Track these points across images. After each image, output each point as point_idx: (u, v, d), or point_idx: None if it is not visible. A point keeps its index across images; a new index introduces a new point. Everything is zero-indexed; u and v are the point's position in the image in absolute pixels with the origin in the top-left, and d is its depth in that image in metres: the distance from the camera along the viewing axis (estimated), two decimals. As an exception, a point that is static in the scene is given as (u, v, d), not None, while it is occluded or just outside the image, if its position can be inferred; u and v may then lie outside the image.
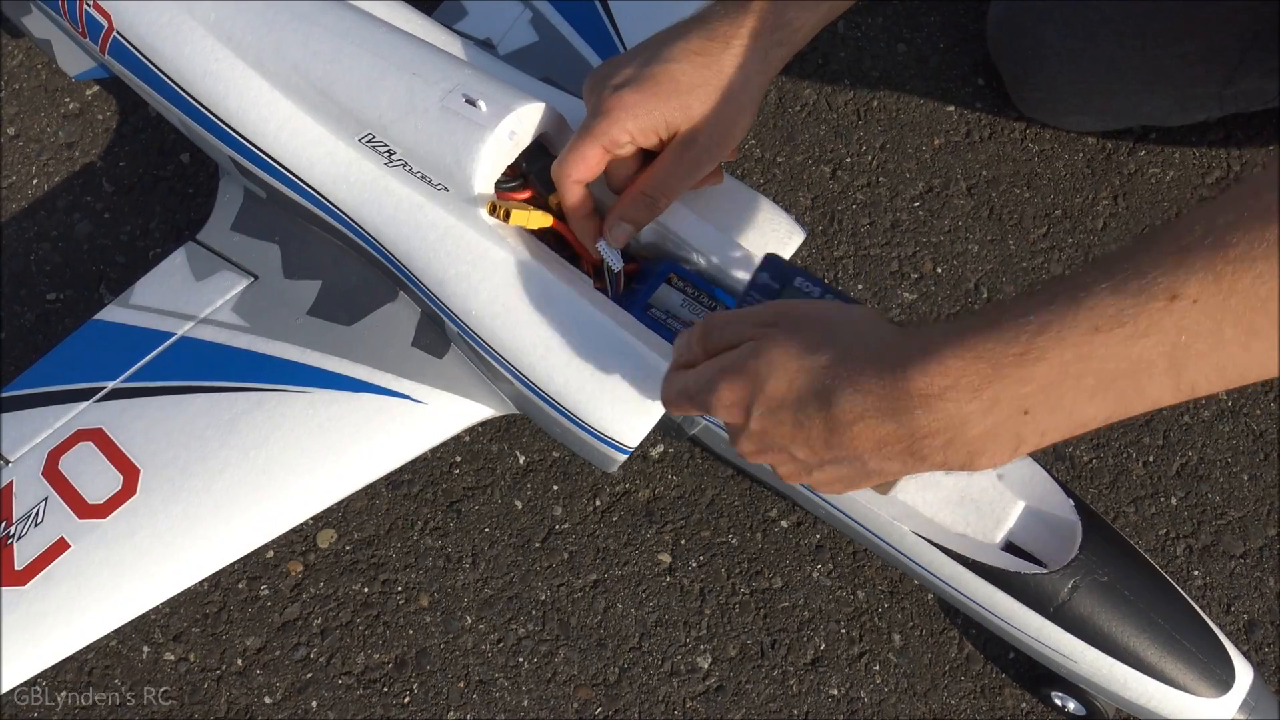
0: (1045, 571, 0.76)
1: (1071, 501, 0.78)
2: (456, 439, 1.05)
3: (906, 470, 0.54)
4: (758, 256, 0.80)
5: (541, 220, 0.77)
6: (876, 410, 0.51)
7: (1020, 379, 0.47)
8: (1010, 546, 0.78)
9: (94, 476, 0.84)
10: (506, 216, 0.75)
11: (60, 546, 0.82)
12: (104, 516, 0.83)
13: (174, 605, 1.00)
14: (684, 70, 0.71)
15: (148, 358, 0.89)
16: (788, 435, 0.55)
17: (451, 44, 0.89)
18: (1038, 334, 0.47)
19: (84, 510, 0.83)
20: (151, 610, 0.84)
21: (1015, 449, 0.50)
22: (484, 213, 0.77)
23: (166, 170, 1.18)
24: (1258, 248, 0.43)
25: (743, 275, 0.79)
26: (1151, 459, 1.08)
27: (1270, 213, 0.43)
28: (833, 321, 0.55)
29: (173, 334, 0.90)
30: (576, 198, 0.74)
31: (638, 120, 0.71)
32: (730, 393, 0.56)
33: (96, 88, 1.22)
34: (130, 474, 0.84)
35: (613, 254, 0.74)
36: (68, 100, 1.22)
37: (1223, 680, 0.77)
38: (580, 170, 0.72)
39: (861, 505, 0.77)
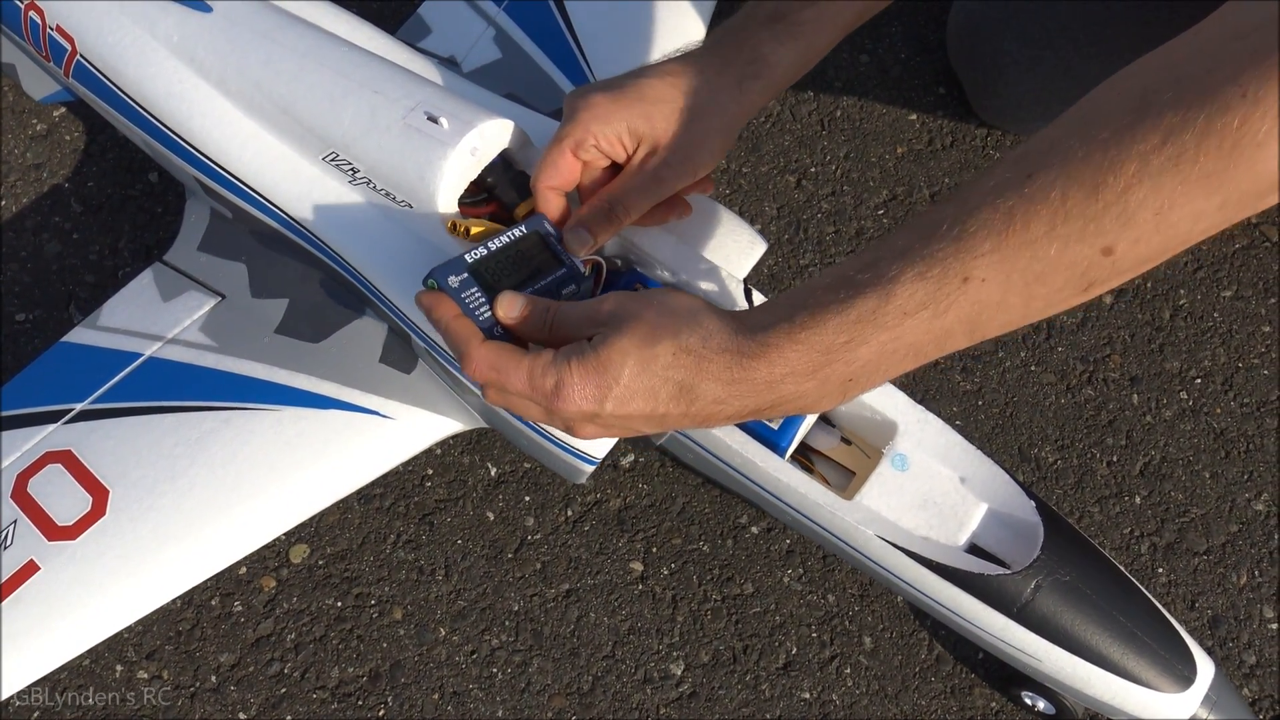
0: (1008, 572, 0.77)
1: (1033, 503, 0.79)
2: (428, 452, 1.06)
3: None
4: (720, 267, 0.81)
5: None
6: (729, 395, 0.59)
7: (846, 361, 0.56)
8: (974, 549, 0.79)
9: (63, 498, 0.84)
10: (468, 234, 0.76)
11: (30, 569, 0.82)
12: (74, 538, 0.83)
13: (147, 623, 1.00)
14: (653, 85, 0.72)
15: (116, 379, 0.89)
16: (640, 421, 0.61)
17: (414, 62, 0.90)
18: (858, 323, 0.55)
19: (53, 532, 0.83)
20: (124, 629, 0.84)
21: (840, 402, 0.61)
22: (445, 230, 0.78)
23: (135, 190, 1.19)
24: (1036, 228, 0.51)
25: (706, 286, 0.80)
26: (1115, 459, 1.10)
27: (1046, 195, 0.50)
28: (669, 313, 0.60)
29: (140, 354, 0.90)
30: (554, 207, 0.74)
31: (602, 124, 0.72)
32: (584, 386, 0.59)
33: (63, 109, 1.22)
34: (99, 495, 0.84)
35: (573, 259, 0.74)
36: (35, 122, 1.22)
37: (1184, 676, 0.78)
38: (553, 177, 0.73)
39: (826, 511, 0.78)
